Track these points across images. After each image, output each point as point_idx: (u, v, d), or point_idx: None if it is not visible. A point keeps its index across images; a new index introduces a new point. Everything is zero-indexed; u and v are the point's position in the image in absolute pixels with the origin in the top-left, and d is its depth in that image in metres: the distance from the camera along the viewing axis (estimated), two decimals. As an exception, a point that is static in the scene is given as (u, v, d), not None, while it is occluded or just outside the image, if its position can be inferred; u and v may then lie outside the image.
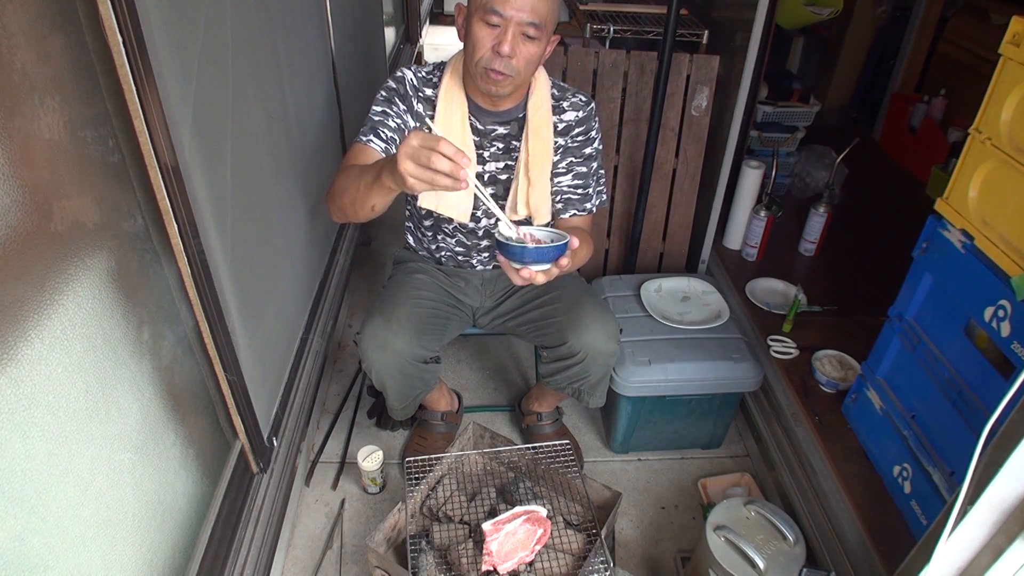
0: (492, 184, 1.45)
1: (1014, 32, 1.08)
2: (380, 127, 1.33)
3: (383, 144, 1.33)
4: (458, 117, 1.35)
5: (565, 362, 1.44)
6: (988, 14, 2.65)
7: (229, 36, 1.12)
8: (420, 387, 1.51)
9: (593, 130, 1.46)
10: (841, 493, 1.41)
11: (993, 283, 1.11)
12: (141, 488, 0.96)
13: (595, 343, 1.40)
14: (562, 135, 1.43)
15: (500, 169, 1.43)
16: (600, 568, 1.30)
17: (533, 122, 1.37)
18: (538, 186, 1.40)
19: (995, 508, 0.85)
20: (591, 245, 1.45)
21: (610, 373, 1.55)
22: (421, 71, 1.38)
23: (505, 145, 1.41)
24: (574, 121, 1.43)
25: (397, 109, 1.35)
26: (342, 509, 1.65)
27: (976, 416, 1.16)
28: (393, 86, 1.36)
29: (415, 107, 1.37)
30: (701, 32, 2.05)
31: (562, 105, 1.42)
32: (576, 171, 1.46)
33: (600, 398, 1.55)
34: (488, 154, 1.41)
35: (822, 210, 2.10)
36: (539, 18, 1.19)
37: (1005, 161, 1.10)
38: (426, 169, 0.94)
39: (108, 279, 0.87)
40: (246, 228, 1.22)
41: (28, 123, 0.72)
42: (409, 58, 3.82)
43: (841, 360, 1.70)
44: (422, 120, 1.37)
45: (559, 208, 1.47)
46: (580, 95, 1.43)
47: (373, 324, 1.38)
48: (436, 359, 1.48)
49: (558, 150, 1.43)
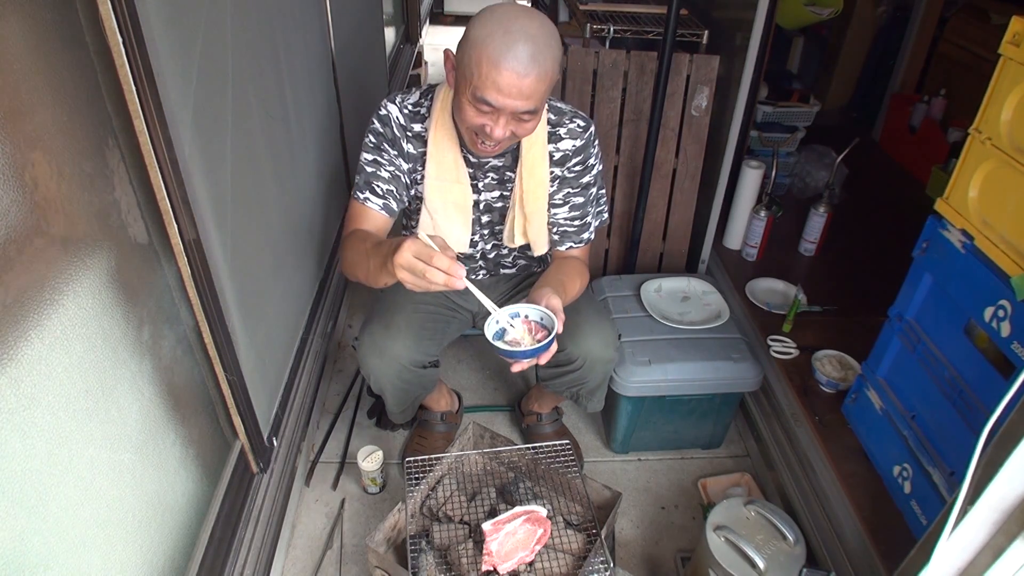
0: (488, 212, 1.42)
1: (1014, 32, 1.08)
2: (374, 181, 1.30)
3: (381, 200, 1.30)
4: (451, 157, 1.30)
5: (563, 368, 1.44)
6: (988, 14, 2.65)
7: (229, 36, 1.12)
8: (419, 391, 1.51)
9: (592, 157, 1.38)
10: (841, 493, 1.41)
11: (993, 283, 1.11)
12: (141, 488, 0.96)
13: (593, 350, 1.39)
14: (558, 165, 1.36)
15: (495, 198, 1.40)
16: (600, 568, 1.30)
17: (527, 158, 1.31)
18: (535, 221, 1.37)
19: (995, 508, 0.85)
20: (586, 278, 1.42)
21: (608, 379, 1.55)
22: (407, 103, 1.30)
23: (499, 176, 1.37)
24: (571, 151, 1.35)
25: (388, 156, 1.30)
26: (342, 509, 1.65)
27: (976, 416, 1.15)
28: (380, 129, 1.29)
29: (405, 148, 1.31)
30: (701, 32, 2.05)
31: (559, 132, 1.34)
32: (573, 202, 1.40)
33: (599, 403, 1.56)
34: (483, 184, 1.37)
35: (822, 210, 2.10)
36: (535, 104, 1.11)
37: (1005, 161, 1.10)
38: (422, 279, 0.96)
39: (108, 279, 0.87)
40: (246, 228, 1.22)
41: (28, 123, 0.72)
42: (409, 58, 3.82)
43: (841, 360, 1.70)
44: (416, 162, 1.33)
45: (556, 240, 1.43)
46: (578, 119, 1.34)
47: (371, 331, 1.37)
48: (435, 363, 1.47)
49: (554, 180, 1.38)
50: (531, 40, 1.05)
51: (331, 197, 1.85)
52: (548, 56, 1.08)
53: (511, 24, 1.06)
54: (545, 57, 1.07)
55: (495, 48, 1.05)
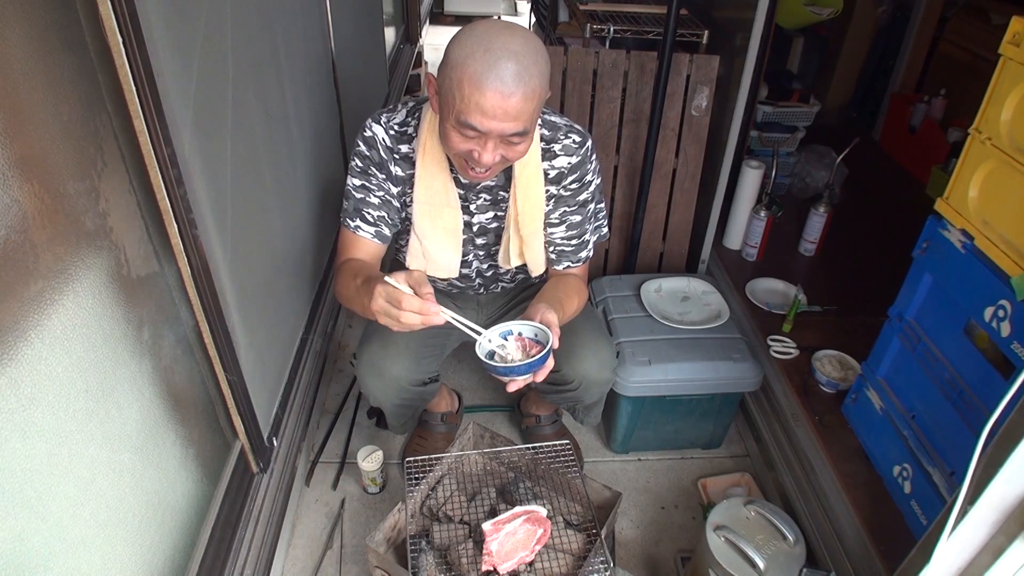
0: (483, 235, 1.37)
1: (1014, 32, 1.08)
2: (364, 208, 1.26)
3: (372, 228, 1.27)
4: (440, 182, 1.24)
5: (559, 387, 1.43)
6: (988, 14, 2.65)
7: (229, 36, 1.12)
8: (419, 405, 1.50)
9: (589, 173, 1.32)
10: (841, 493, 1.41)
11: (993, 283, 1.11)
12: (141, 488, 0.96)
13: (590, 373, 1.37)
14: (554, 183, 1.30)
15: (489, 219, 1.34)
16: (600, 568, 1.30)
17: (521, 179, 1.25)
18: (532, 243, 1.32)
19: (995, 508, 0.85)
20: (584, 295, 1.39)
21: (605, 396, 1.54)
22: (393, 123, 1.24)
23: (492, 197, 1.31)
24: (566, 168, 1.29)
25: (376, 180, 1.25)
26: (342, 509, 1.65)
27: (976, 416, 1.16)
28: (366, 152, 1.24)
29: (393, 171, 1.26)
30: (701, 32, 2.05)
31: (553, 149, 1.27)
32: (570, 221, 1.34)
33: (595, 418, 1.55)
34: (475, 207, 1.32)
35: (822, 210, 2.10)
36: (524, 125, 1.04)
37: (1005, 161, 1.10)
38: (398, 323, 0.98)
39: (108, 279, 0.87)
40: (246, 228, 1.22)
41: (28, 123, 0.72)
42: (409, 58, 3.82)
43: (841, 360, 1.70)
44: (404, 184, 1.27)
45: (553, 259, 1.38)
46: (573, 135, 1.28)
47: (369, 351, 1.33)
48: (435, 378, 1.46)
49: (550, 199, 1.31)
50: (514, 57, 0.99)
51: (331, 197, 1.85)
52: (534, 73, 1.01)
53: (492, 42, 0.99)
54: (531, 75, 1.00)
55: (476, 69, 0.99)
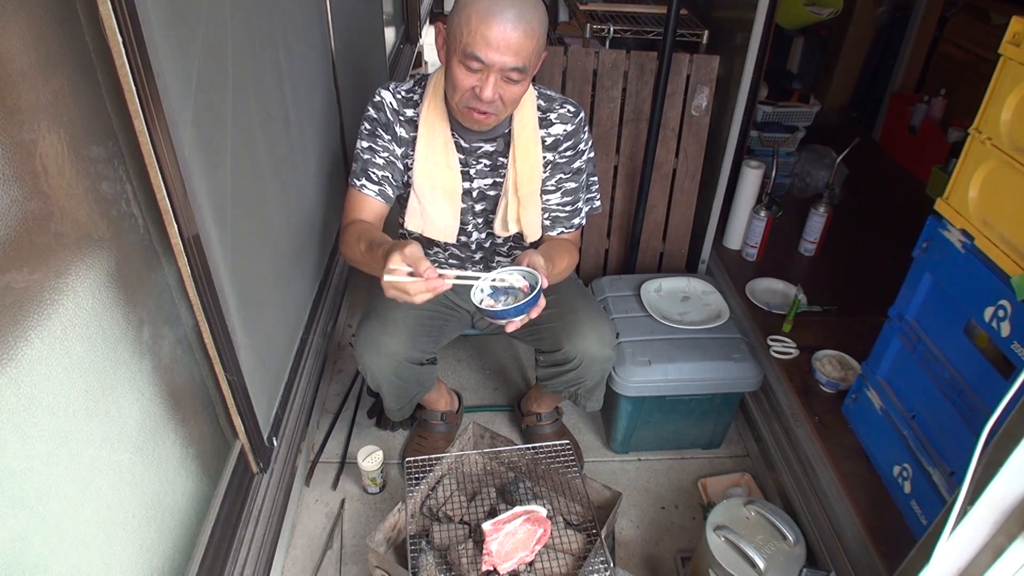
0: (482, 200, 1.42)
1: (1014, 32, 1.08)
2: (370, 167, 1.33)
3: (376, 187, 1.33)
4: (441, 140, 1.31)
5: (561, 367, 1.44)
6: (988, 14, 2.65)
7: (229, 36, 1.12)
8: (416, 389, 1.51)
9: (583, 142, 1.40)
10: (841, 493, 1.41)
11: (993, 283, 1.11)
12: (141, 488, 0.96)
13: (590, 349, 1.39)
14: (550, 150, 1.38)
15: (488, 186, 1.40)
16: (600, 568, 1.30)
17: (520, 140, 1.32)
18: (530, 206, 1.38)
19: (995, 508, 0.85)
20: (575, 256, 1.45)
21: (607, 377, 1.55)
22: (401, 90, 1.34)
23: (492, 162, 1.37)
24: (562, 135, 1.37)
25: (383, 142, 1.33)
26: (342, 509, 1.65)
27: (976, 416, 1.16)
28: (374, 115, 1.33)
29: (398, 133, 1.33)
30: (701, 32, 2.05)
31: (550, 118, 1.36)
32: (565, 188, 1.41)
33: (597, 402, 1.56)
34: (474, 171, 1.38)
35: (822, 210, 2.10)
36: (523, 61, 1.14)
37: (1005, 161, 1.10)
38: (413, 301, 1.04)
39: (108, 279, 0.87)
40: (246, 228, 1.22)
41: (27, 123, 0.72)
42: (409, 58, 3.82)
43: (841, 360, 1.70)
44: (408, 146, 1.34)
45: (547, 225, 1.44)
46: (568, 105, 1.37)
47: (368, 327, 1.38)
48: (432, 360, 1.47)
49: (547, 166, 1.38)
50: (518, 2, 1.12)
51: (331, 197, 1.85)
52: (535, 17, 1.13)
53: None
54: (532, 17, 1.13)
55: (484, 5, 1.11)
